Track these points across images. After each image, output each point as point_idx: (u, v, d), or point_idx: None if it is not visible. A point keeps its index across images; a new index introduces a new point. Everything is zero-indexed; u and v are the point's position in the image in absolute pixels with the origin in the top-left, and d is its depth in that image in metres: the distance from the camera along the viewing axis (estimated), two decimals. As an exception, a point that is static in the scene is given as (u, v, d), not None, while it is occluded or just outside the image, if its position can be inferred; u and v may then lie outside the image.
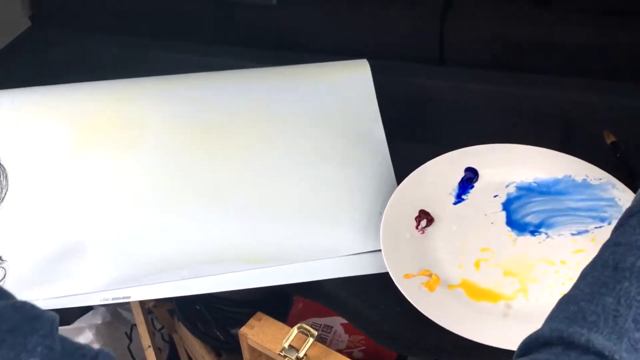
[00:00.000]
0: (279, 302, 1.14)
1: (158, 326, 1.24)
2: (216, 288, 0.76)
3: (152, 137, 0.90)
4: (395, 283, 0.70)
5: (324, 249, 0.78)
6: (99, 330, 1.11)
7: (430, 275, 0.72)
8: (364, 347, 1.08)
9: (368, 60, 1.00)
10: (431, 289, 0.70)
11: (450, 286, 0.71)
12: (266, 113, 0.93)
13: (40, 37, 1.23)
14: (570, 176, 0.81)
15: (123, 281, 0.77)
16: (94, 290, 0.77)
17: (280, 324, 0.78)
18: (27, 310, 0.39)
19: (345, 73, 0.99)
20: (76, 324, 1.12)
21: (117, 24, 1.21)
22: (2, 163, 0.41)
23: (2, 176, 0.41)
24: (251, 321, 0.78)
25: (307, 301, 1.13)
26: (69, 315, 1.14)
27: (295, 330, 0.74)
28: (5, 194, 0.42)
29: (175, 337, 1.22)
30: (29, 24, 1.26)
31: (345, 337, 1.11)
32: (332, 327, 1.12)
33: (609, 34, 0.98)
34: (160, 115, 0.92)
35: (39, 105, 0.92)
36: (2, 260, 0.46)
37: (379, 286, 0.74)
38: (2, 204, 0.42)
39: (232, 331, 1.10)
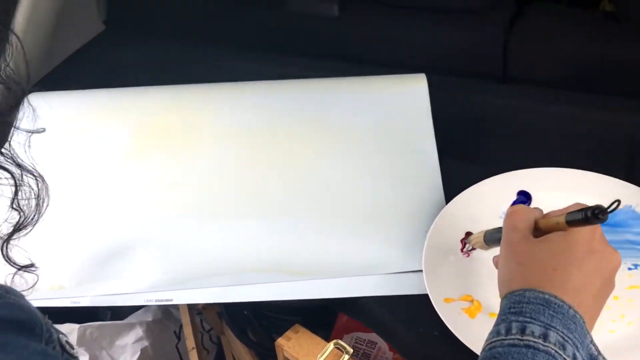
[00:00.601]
0: (326, 313, 1.13)
1: (207, 327, 1.26)
2: (260, 297, 0.77)
3: (209, 143, 0.92)
4: (435, 306, 0.69)
5: (366, 265, 0.78)
6: (149, 327, 1.14)
7: (472, 301, 0.70)
8: (408, 366, 1.06)
9: (426, 74, 0.98)
10: (472, 315, 0.68)
11: (492, 314, 0.69)
12: (321, 125, 0.93)
13: (112, 41, 1.28)
14: (630, 207, 0.77)
15: (168, 283, 0.79)
16: (139, 291, 0.79)
17: (317, 338, 0.78)
18: None
19: (401, 87, 0.98)
20: (128, 320, 1.15)
21: (187, 31, 1.24)
22: (41, 174, 0.42)
23: (42, 187, 0.42)
24: (289, 333, 0.79)
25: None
26: (122, 311, 1.18)
27: (331, 345, 0.73)
28: (44, 205, 0.43)
29: (223, 340, 1.24)
30: (103, 27, 1.32)
31: (389, 354, 1.09)
32: (376, 344, 1.10)
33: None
34: (219, 122, 0.94)
35: (100, 107, 0.96)
36: (35, 267, 0.48)
37: (419, 307, 0.72)
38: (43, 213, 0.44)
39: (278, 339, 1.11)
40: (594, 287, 0.51)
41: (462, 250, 0.76)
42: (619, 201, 0.48)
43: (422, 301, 0.72)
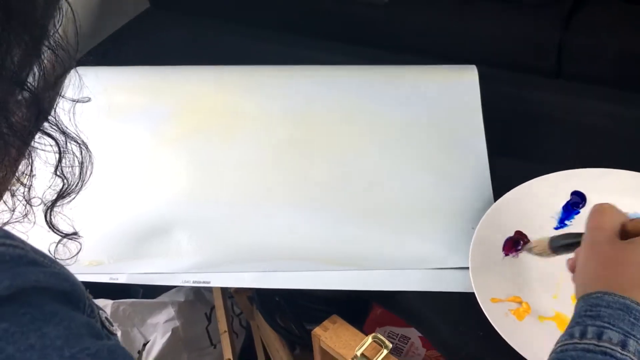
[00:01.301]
0: (359, 304, 1.12)
1: (237, 311, 1.26)
2: (295, 285, 0.75)
3: (251, 128, 0.91)
4: (481, 306, 0.66)
5: (409, 259, 0.76)
6: (180, 308, 1.13)
7: (520, 303, 0.67)
8: (440, 364, 1.04)
9: (477, 66, 0.95)
10: (520, 317, 0.66)
11: (541, 317, 0.66)
12: (367, 113, 0.91)
13: (157, 19, 1.27)
14: (692, 212, 0.73)
15: (205, 266, 0.78)
16: (177, 271, 0.78)
17: (355, 330, 0.76)
18: None
19: (451, 78, 0.95)
20: (160, 299, 1.15)
21: (231, 11, 1.23)
22: (87, 144, 0.42)
23: (85, 155, 0.42)
24: (326, 323, 0.77)
25: (384, 310, 1.10)
26: (155, 289, 1.18)
27: (369, 339, 0.71)
28: (88, 172, 0.43)
29: (252, 325, 1.23)
30: (148, 5, 1.31)
31: (422, 350, 1.07)
32: (409, 339, 1.08)
33: None
34: (263, 106, 0.92)
35: (147, 84, 0.96)
36: (78, 236, 0.48)
37: (462, 306, 0.70)
38: (87, 181, 0.43)
39: (309, 327, 1.10)
40: None
41: (511, 249, 0.73)
42: None
43: (466, 300, 0.70)
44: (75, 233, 0.49)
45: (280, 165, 0.87)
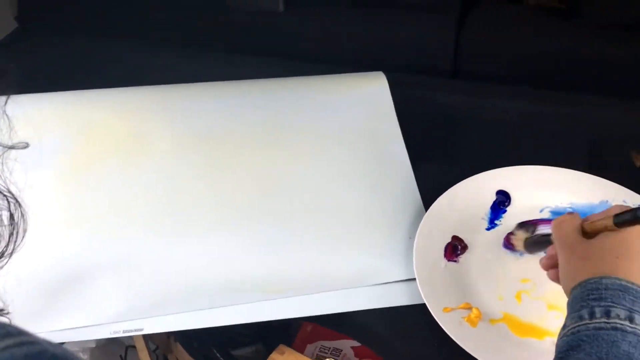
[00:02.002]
0: (285, 324, 1.08)
1: (152, 347, 1.17)
2: (239, 320, 0.71)
3: (167, 152, 0.84)
4: (436, 319, 0.66)
5: (352, 277, 0.74)
6: (93, 354, 1.03)
7: (470, 309, 0.68)
8: (374, 371, 1.03)
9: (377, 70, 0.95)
10: (473, 324, 0.66)
11: (492, 320, 0.67)
12: (283, 129, 0.88)
13: (27, 40, 1.15)
14: (607, 202, 0.78)
15: (135, 312, 0.71)
16: (104, 322, 0.71)
17: (304, 357, 0.73)
18: None
19: (362, 86, 0.95)
20: (68, 346, 1.04)
21: (114, 28, 1.14)
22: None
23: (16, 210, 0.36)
24: (274, 355, 0.73)
25: (316, 325, 1.08)
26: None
27: (324, 365, 0.69)
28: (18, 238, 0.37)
29: (171, 358, 1.16)
30: (15, 24, 1.18)
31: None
32: (341, 351, 1.07)
33: (635, 50, 0.96)
34: (173, 128, 0.86)
35: (37, 114, 0.85)
36: (4, 311, 0.42)
37: (414, 318, 0.70)
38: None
39: (234, 352, 1.05)
40: None
41: (450, 255, 0.73)
42: None
43: (416, 311, 0.69)
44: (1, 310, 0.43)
45: (199, 192, 0.82)
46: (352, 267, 0.75)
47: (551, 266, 0.60)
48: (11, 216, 0.37)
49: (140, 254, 0.75)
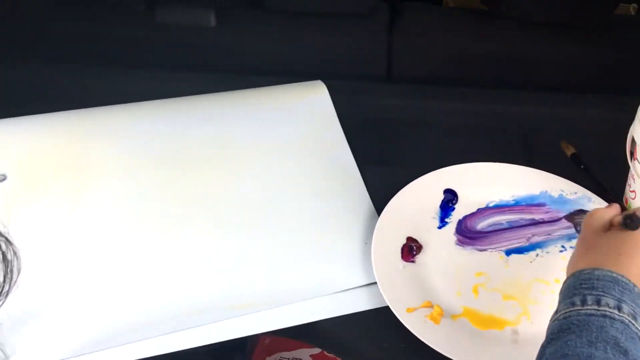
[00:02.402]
0: (242, 338, 1.07)
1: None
2: (206, 340, 0.70)
3: (108, 176, 0.82)
4: (401, 320, 0.67)
5: (313, 287, 0.74)
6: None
7: (432, 307, 0.70)
8: (334, 377, 1.04)
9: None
10: (436, 321, 0.68)
11: (454, 316, 0.69)
12: (229, 143, 0.88)
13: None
14: (546, 192, 0.82)
15: (97, 343, 0.69)
16: (64, 357, 0.68)
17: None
18: None
19: (304, 95, 0.96)
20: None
21: (39, 47, 1.10)
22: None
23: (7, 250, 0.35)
24: (242, 372, 0.73)
25: (275, 337, 1.07)
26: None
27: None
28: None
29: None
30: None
31: (315, 368, 1.07)
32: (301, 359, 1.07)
33: (559, 47, 1.02)
34: (113, 151, 0.84)
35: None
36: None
37: (378, 321, 0.71)
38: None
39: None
40: None
41: (406, 255, 0.75)
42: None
43: (381, 313, 0.71)
44: None
45: (149, 212, 0.80)
46: (312, 277, 0.75)
47: None
48: (3, 256, 0.35)
49: (95, 283, 0.72)
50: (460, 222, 0.79)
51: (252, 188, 0.83)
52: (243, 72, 1.07)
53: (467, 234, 0.78)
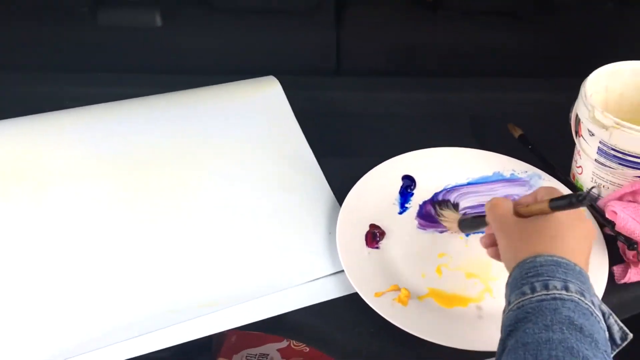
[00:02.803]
0: (208, 338, 1.07)
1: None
2: (176, 340, 0.69)
3: (66, 182, 0.80)
4: (369, 304, 0.69)
5: (282, 279, 0.75)
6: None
7: (399, 290, 0.71)
8: (302, 369, 1.05)
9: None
10: (404, 303, 0.70)
11: (420, 297, 0.71)
12: (186, 142, 0.87)
13: None
14: (499, 172, 0.85)
15: (57, 354, 0.67)
16: (29, 370, 0.66)
17: (246, 366, 0.73)
18: None
19: (257, 92, 0.96)
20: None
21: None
22: None
23: None
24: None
25: (241, 333, 1.08)
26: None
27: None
28: None
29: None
30: None
31: (281, 362, 1.08)
32: (268, 355, 1.08)
33: (502, 34, 1.05)
34: (70, 155, 0.82)
35: None
36: None
37: (347, 308, 0.72)
38: None
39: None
40: (586, 251, 0.59)
41: (370, 242, 0.77)
42: (594, 187, 0.55)
43: (349, 301, 0.72)
44: None
45: (110, 215, 0.79)
46: (279, 270, 0.76)
47: (490, 244, 0.65)
48: None
49: (58, 290, 0.71)
50: (420, 207, 0.81)
51: (212, 186, 0.83)
52: (193, 71, 1.07)
53: (428, 218, 0.80)
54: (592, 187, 0.55)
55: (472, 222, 0.73)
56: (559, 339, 0.49)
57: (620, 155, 0.73)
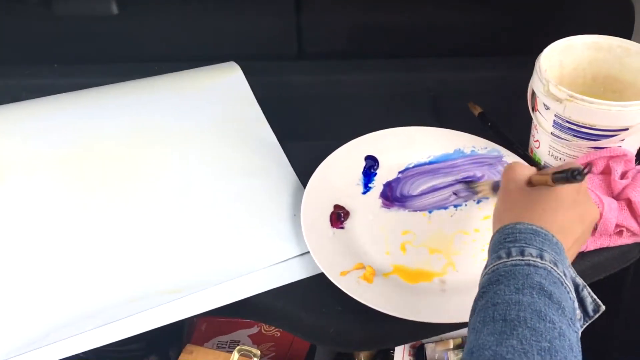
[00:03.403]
0: (177, 326, 1.06)
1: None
2: (140, 328, 0.69)
3: (21, 174, 0.79)
4: (334, 282, 0.70)
5: (247, 263, 0.75)
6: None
7: (364, 268, 0.72)
8: (273, 354, 1.06)
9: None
10: (369, 280, 0.71)
11: (385, 274, 0.72)
12: (148, 131, 0.86)
13: None
14: (460, 149, 0.86)
15: (23, 345, 0.67)
16: (-5, 363, 0.66)
17: (215, 352, 0.74)
18: None
19: (217, 77, 0.95)
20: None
21: None
22: None
23: None
24: (183, 355, 0.73)
25: (211, 321, 1.07)
26: None
27: (236, 354, 0.70)
28: None
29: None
30: None
31: (254, 347, 1.08)
32: (239, 342, 1.08)
33: (458, 14, 1.06)
34: (26, 148, 0.80)
35: None
36: None
37: (314, 288, 0.73)
38: None
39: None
40: (575, 232, 0.60)
41: (335, 223, 0.77)
42: (590, 164, 0.56)
43: (316, 281, 0.73)
44: None
45: (73, 205, 0.78)
46: (244, 253, 0.76)
47: None
48: None
49: (16, 281, 0.70)
50: (384, 186, 0.82)
51: (174, 173, 0.82)
52: (152, 60, 1.05)
53: (391, 197, 0.81)
54: (589, 164, 0.56)
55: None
56: (528, 301, 0.50)
57: (575, 127, 0.74)
